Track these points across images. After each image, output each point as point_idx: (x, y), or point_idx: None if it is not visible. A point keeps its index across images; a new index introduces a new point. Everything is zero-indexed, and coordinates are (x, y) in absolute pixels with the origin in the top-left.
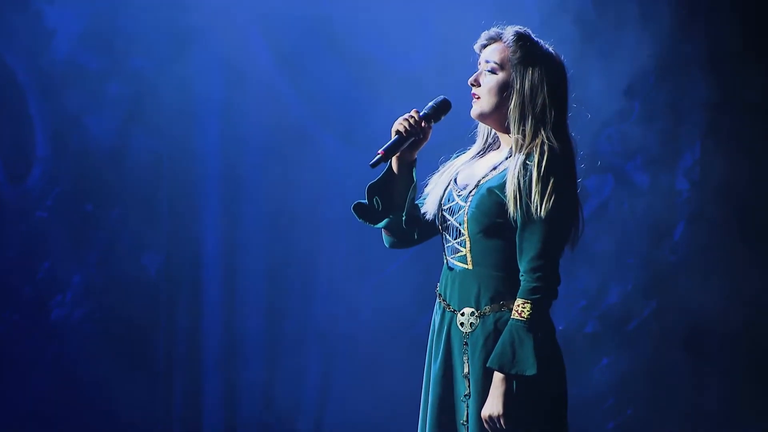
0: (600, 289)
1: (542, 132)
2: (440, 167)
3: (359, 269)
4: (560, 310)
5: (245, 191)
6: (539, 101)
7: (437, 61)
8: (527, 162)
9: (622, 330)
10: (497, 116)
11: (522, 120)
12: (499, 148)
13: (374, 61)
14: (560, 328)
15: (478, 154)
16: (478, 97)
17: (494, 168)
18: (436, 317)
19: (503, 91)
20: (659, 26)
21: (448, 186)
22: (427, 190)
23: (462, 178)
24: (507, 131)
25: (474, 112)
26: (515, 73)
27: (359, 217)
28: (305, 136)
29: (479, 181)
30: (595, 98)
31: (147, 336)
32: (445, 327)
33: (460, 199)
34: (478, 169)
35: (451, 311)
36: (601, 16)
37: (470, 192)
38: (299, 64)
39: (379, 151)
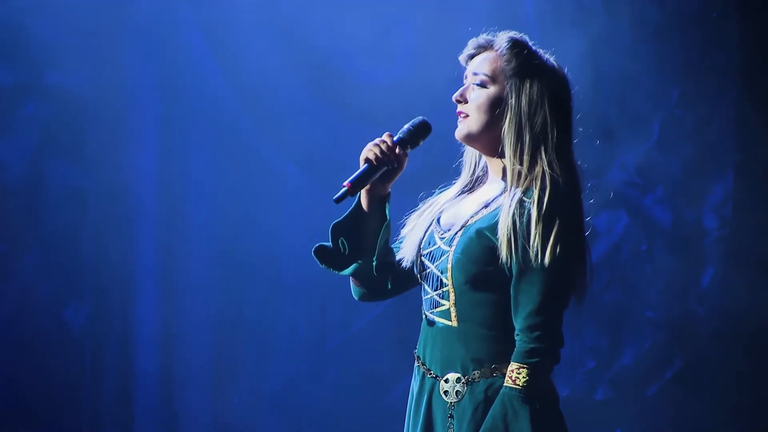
0: (612, 349)
1: (543, 158)
2: (420, 205)
3: (323, 324)
4: (565, 373)
5: (187, 231)
6: (539, 120)
7: (415, 76)
8: (524, 198)
9: (639, 396)
10: (488, 138)
11: (518, 142)
12: (489, 180)
13: (340, 75)
14: (565, 394)
15: (465, 188)
16: (466, 116)
17: (486, 206)
18: (415, 384)
19: (495, 107)
20: (684, 32)
21: (429, 227)
22: (404, 232)
23: (446, 218)
24: (498, 157)
25: (460, 133)
26: (510, 87)
27: (322, 263)
28: (259, 165)
29: (467, 221)
30: (606, 118)
31: (68, 405)
32: (426, 395)
33: (443, 243)
34: (465, 207)
35: (432, 377)
36: (616, 21)
37: (455, 234)
38: (252, 78)
39: (345, 183)
